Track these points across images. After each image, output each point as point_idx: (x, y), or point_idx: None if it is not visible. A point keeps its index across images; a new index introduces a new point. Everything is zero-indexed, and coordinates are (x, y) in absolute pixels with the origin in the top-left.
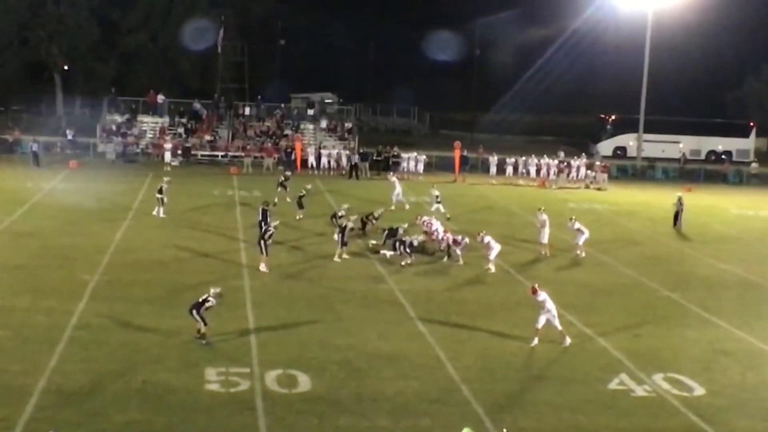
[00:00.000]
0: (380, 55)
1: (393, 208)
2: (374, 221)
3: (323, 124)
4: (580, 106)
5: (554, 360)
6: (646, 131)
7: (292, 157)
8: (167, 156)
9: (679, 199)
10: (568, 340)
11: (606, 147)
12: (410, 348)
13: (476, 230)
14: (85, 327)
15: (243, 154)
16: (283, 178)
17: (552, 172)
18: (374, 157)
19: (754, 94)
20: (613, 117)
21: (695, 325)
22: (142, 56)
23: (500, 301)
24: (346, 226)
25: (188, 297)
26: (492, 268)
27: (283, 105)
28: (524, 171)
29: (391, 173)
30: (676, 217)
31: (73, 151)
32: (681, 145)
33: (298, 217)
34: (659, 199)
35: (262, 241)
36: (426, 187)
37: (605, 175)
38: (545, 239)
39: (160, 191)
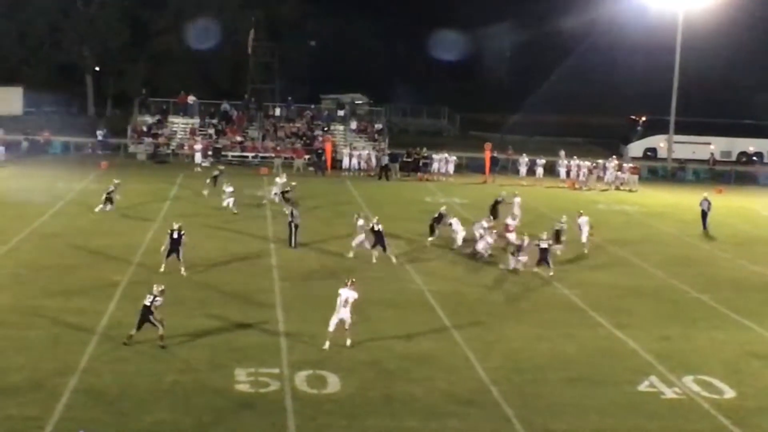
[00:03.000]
0: (410, 55)
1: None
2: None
3: (353, 125)
4: (610, 107)
5: (584, 362)
6: (676, 132)
7: (323, 158)
8: (197, 157)
9: (705, 199)
10: (349, 342)
11: (636, 148)
12: (439, 349)
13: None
14: (115, 327)
15: (273, 155)
16: (217, 172)
17: (582, 174)
18: (404, 159)
19: None
20: (643, 118)
21: (725, 327)
22: (172, 57)
23: (530, 302)
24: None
25: (218, 297)
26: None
27: (313, 106)
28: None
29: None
30: (704, 218)
31: (104, 152)
32: (712, 147)
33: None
34: (689, 200)
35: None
36: (455, 189)
37: (635, 177)
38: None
39: (110, 194)
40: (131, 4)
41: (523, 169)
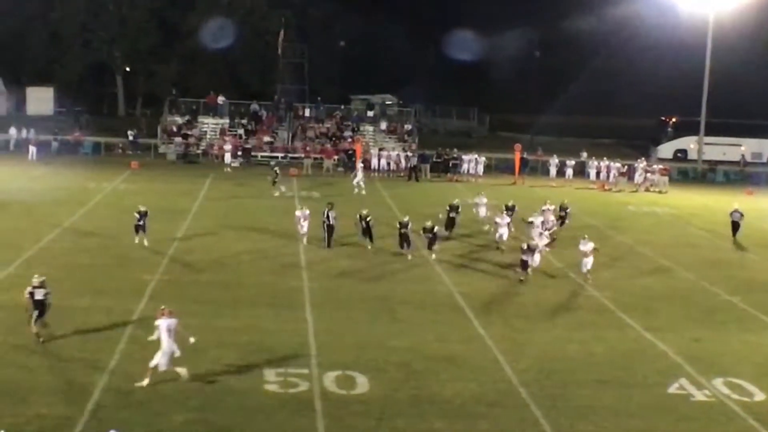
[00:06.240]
0: (440, 56)
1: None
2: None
3: (383, 125)
4: (641, 108)
5: (613, 363)
6: (707, 134)
7: (353, 159)
8: (227, 157)
9: (737, 211)
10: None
11: (666, 149)
12: (468, 350)
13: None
14: (145, 326)
15: (303, 156)
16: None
17: (612, 175)
18: (434, 159)
19: None
20: (673, 119)
21: (756, 330)
22: (202, 58)
23: (559, 303)
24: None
25: (247, 297)
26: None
27: (342, 107)
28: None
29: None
30: (735, 228)
31: (135, 152)
32: (742, 148)
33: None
34: (720, 202)
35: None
36: (484, 190)
37: (665, 178)
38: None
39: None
40: (161, 5)
41: (552, 170)
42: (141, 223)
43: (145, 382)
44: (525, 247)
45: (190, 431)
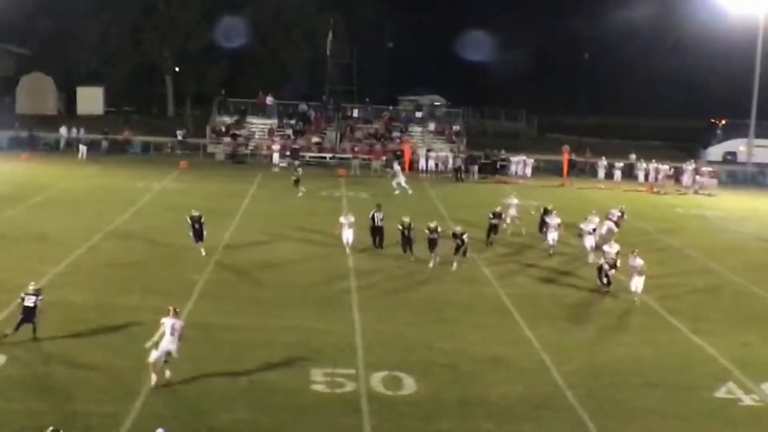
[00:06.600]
0: (488, 57)
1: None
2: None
3: (431, 126)
4: (690, 110)
5: (660, 367)
6: (756, 136)
7: (401, 159)
8: (275, 157)
9: None
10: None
11: (716, 152)
12: (515, 352)
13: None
14: (192, 326)
15: (351, 156)
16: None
17: (660, 177)
18: (482, 161)
19: None
20: (723, 121)
21: None
22: (251, 58)
23: (607, 306)
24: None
25: (294, 297)
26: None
27: (390, 107)
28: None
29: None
30: None
31: (183, 152)
32: None
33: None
34: None
35: None
36: (532, 192)
37: (715, 181)
38: None
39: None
40: (211, 6)
41: (601, 172)
42: (197, 228)
43: (153, 381)
44: (606, 263)
45: (237, 430)
